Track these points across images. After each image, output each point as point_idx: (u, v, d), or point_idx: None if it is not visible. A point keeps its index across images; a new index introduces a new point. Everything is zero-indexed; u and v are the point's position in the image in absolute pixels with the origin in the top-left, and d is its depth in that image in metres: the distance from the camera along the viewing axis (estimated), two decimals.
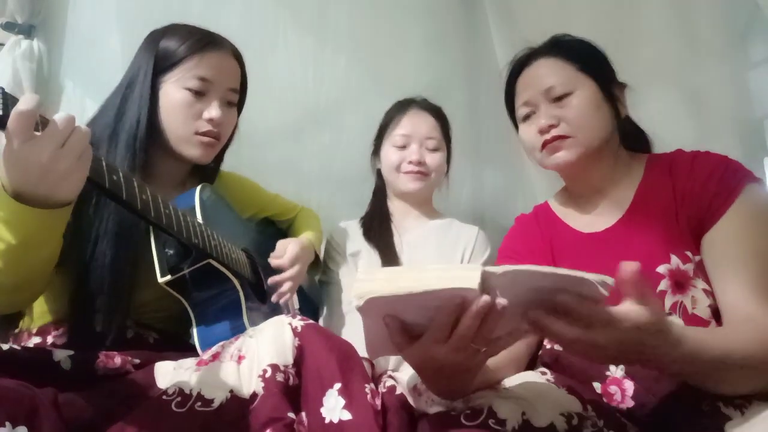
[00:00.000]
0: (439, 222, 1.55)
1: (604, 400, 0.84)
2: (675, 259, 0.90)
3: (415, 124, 1.49)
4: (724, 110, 1.37)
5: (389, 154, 1.50)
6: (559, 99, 1.01)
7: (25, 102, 0.64)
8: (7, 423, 0.57)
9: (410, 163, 1.46)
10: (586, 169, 1.03)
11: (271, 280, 1.15)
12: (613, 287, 0.62)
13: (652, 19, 1.49)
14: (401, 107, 1.54)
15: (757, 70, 1.39)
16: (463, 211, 1.93)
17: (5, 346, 0.74)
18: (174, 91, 1.05)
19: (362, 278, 0.66)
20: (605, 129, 1.01)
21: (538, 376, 0.86)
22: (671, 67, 1.47)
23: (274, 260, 1.20)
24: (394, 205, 1.56)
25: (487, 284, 0.62)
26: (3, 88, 0.65)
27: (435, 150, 1.49)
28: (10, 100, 0.65)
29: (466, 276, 0.62)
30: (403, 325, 0.68)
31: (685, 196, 0.92)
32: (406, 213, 1.55)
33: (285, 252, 1.21)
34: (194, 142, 1.07)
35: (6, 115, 0.64)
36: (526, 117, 1.06)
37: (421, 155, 1.47)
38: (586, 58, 1.04)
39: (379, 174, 1.58)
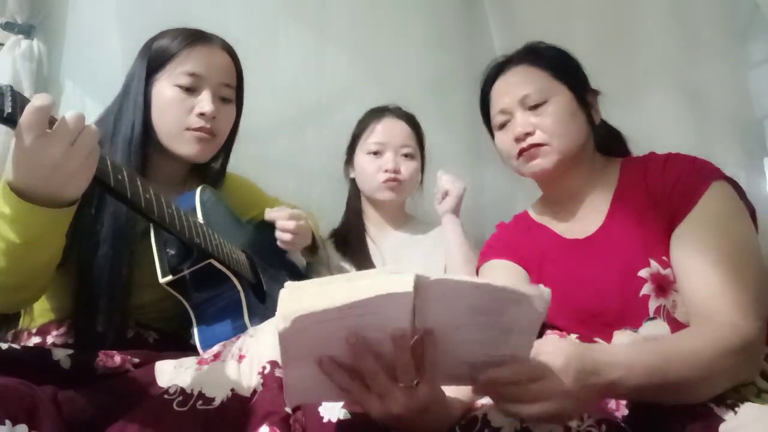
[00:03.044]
0: (415, 230, 1.54)
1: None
2: (654, 264, 0.91)
3: (389, 132, 1.47)
4: (724, 110, 1.37)
5: (363, 162, 1.48)
6: (534, 107, 1.01)
7: (40, 99, 0.65)
8: (7, 421, 0.57)
9: (386, 171, 1.44)
10: (562, 175, 1.04)
11: (268, 215, 1.16)
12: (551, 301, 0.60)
13: (652, 19, 1.49)
14: (375, 115, 1.52)
15: (757, 70, 1.39)
16: (463, 211, 1.93)
17: (4, 345, 0.73)
18: (164, 88, 1.05)
19: (288, 296, 0.58)
20: (580, 136, 1.02)
21: None
22: (671, 67, 1.47)
23: (270, 212, 1.18)
24: (368, 215, 1.55)
25: (421, 294, 0.57)
26: (11, 86, 0.65)
27: (410, 158, 1.47)
28: (18, 98, 0.65)
29: (398, 281, 0.57)
30: (342, 364, 0.62)
31: (656, 198, 0.93)
32: (382, 222, 1.53)
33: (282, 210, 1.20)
34: (186, 138, 1.06)
35: (15, 113, 0.64)
36: (502, 125, 1.07)
37: (396, 163, 1.44)
38: (561, 65, 1.05)
39: (353, 183, 1.57)
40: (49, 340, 0.96)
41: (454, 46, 2.04)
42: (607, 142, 1.10)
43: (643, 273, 0.91)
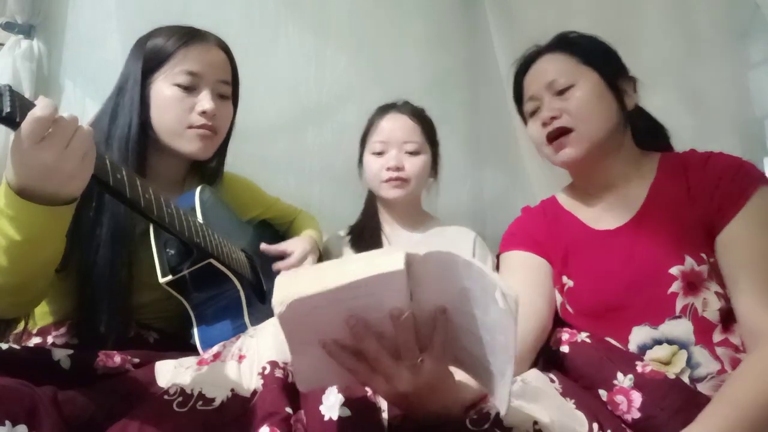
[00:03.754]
0: (432, 230, 1.49)
1: (609, 408, 0.83)
2: (689, 260, 0.89)
3: (392, 129, 1.44)
4: (724, 110, 1.37)
5: (369, 162, 1.45)
6: (561, 92, 1.01)
7: (43, 108, 0.65)
8: (7, 422, 0.57)
9: (388, 169, 1.40)
10: (594, 165, 1.03)
11: (276, 266, 1.16)
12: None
13: (652, 19, 1.49)
14: (379, 112, 1.49)
15: (757, 69, 1.39)
16: (463, 212, 1.93)
17: (4, 346, 0.73)
18: (163, 88, 1.05)
19: (284, 281, 0.59)
20: (608, 120, 1.00)
21: (547, 383, 0.84)
22: (671, 67, 1.47)
23: (281, 263, 1.20)
24: (383, 215, 1.51)
25: (412, 272, 0.58)
26: (10, 86, 0.65)
27: (415, 153, 1.43)
28: (17, 98, 0.65)
29: (389, 260, 0.57)
30: (346, 346, 0.62)
31: (697, 197, 0.92)
32: (395, 222, 1.50)
33: (295, 249, 1.22)
34: (189, 136, 1.07)
35: (14, 113, 0.64)
36: (533, 112, 1.07)
37: (399, 160, 1.40)
38: (589, 50, 1.05)
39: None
40: (49, 340, 0.96)
41: (454, 46, 2.04)
42: (647, 134, 1.08)
43: (673, 270, 0.90)
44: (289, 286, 0.58)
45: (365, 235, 1.46)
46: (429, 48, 1.99)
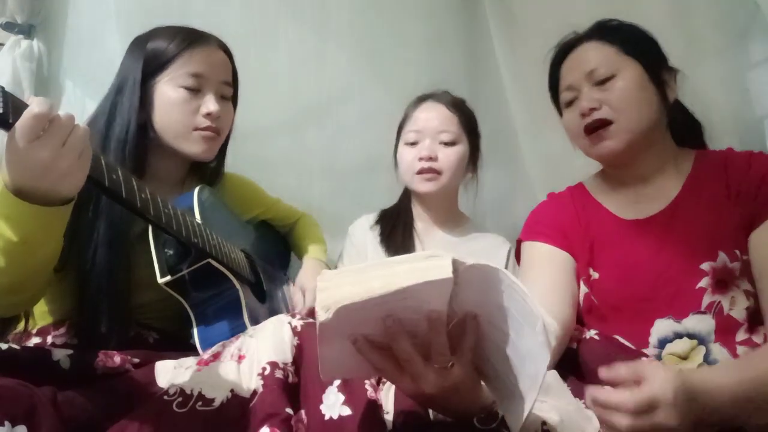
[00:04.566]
0: (470, 235, 1.41)
1: None
2: (722, 256, 0.88)
3: (427, 119, 1.37)
4: (723, 110, 1.37)
5: (402, 153, 1.39)
6: (602, 82, 0.98)
7: (40, 105, 0.65)
8: (6, 422, 0.57)
9: (420, 159, 1.33)
10: (633, 158, 1.00)
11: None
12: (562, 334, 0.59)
13: (652, 19, 1.49)
14: (416, 102, 1.43)
15: (757, 70, 1.38)
16: (464, 212, 1.92)
17: (4, 346, 0.73)
18: (169, 90, 1.05)
19: (326, 285, 0.58)
20: (651, 113, 0.97)
21: (560, 380, 0.84)
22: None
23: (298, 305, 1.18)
24: (417, 212, 1.44)
25: (456, 278, 0.57)
26: (3, 87, 0.64)
27: (450, 144, 1.34)
28: (10, 98, 0.65)
29: (437, 267, 0.56)
30: (373, 343, 0.62)
31: (740, 194, 0.91)
32: (428, 220, 1.43)
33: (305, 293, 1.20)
34: (194, 138, 1.07)
35: (7, 113, 0.64)
36: (569, 102, 1.04)
37: (432, 150, 1.33)
38: (631, 40, 1.01)
39: None
40: (49, 340, 0.96)
41: (454, 46, 2.04)
42: (683, 129, 1.05)
43: (704, 266, 0.89)
44: (334, 291, 0.57)
45: (397, 233, 1.39)
46: (429, 48, 1.98)
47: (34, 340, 0.97)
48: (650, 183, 1.01)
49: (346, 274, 0.61)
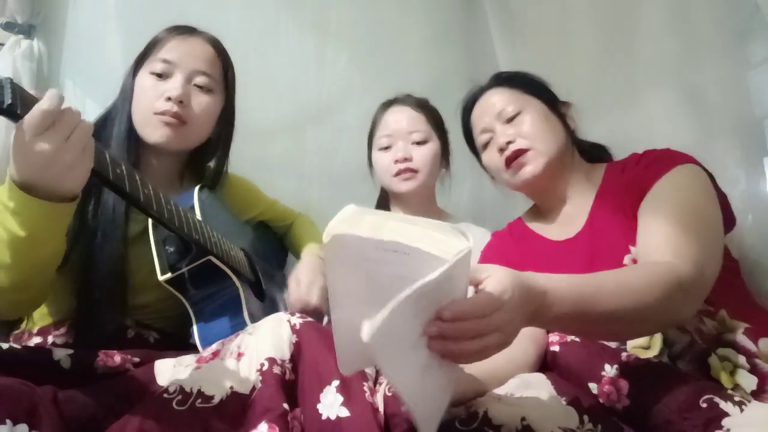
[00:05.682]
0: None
1: (601, 400, 0.84)
2: (634, 250, 0.94)
3: (396, 121, 1.42)
4: (723, 110, 1.37)
5: (377, 158, 1.43)
6: (511, 119, 1.10)
7: (50, 101, 0.66)
8: (8, 421, 0.57)
9: (396, 162, 1.37)
10: (552, 179, 1.10)
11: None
12: None
13: (652, 19, 1.49)
14: (382, 108, 1.48)
15: (756, 70, 1.39)
16: (463, 211, 1.93)
17: (4, 346, 0.73)
18: (142, 78, 1.06)
19: (345, 214, 0.57)
20: (558, 139, 1.09)
21: (542, 378, 0.85)
22: (671, 67, 1.46)
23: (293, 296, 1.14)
24: (396, 212, 1.46)
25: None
26: (11, 79, 0.65)
27: (422, 142, 1.39)
28: (18, 90, 0.65)
29: (451, 244, 0.54)
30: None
31: (632, 186, 0.98)
32: None
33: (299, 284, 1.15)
34: (154, 123, 1.04)
35: (15, 105, 0.64)
36: (486, 144, 1.15)
37: (406, 151, 1.38)
38: (528, 83, 1.15)
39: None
40: (50, 340, 0.96)
41: (454, 46, 2.05)
42: (592, 152, 1.18)
43: (625, 260, 0.95)
44: (345, 222, 0.56)
45: None
46: (429, 48, 1.99)
47: (35, 340, 0.97)
48: (570, 202, 1.12)
49: (371, 214, 0.58)
